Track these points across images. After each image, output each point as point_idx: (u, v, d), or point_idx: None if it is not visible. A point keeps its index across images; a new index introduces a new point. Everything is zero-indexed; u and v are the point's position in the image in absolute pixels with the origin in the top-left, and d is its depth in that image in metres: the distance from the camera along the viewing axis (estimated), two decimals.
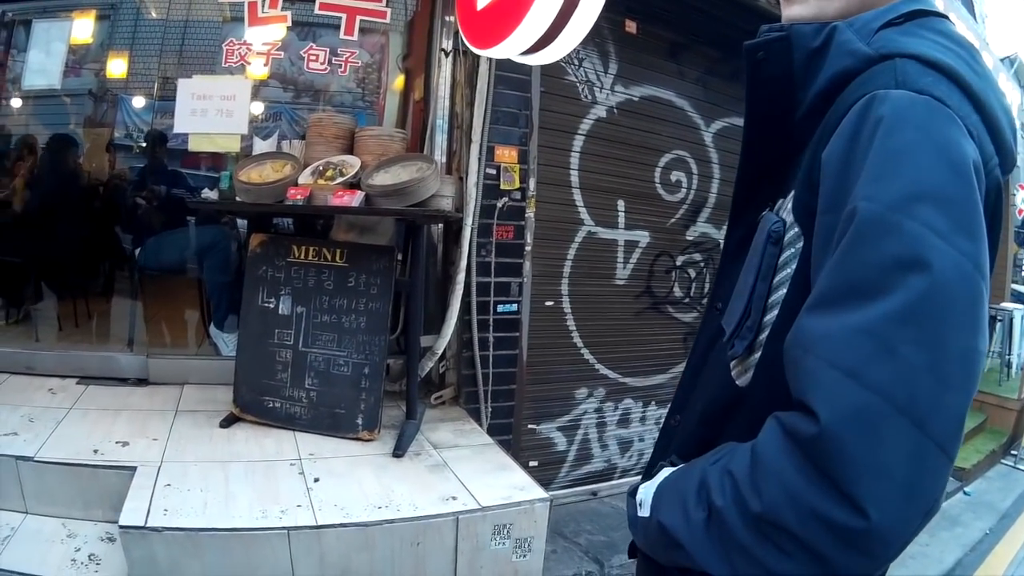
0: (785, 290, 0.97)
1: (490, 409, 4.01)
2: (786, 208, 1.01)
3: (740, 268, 1.08)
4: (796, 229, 0.97)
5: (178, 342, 4.54)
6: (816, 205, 0.90)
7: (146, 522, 2.50)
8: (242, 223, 4.41)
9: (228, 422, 3.45)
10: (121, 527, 2.49)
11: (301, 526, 2.59)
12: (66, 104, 4.90)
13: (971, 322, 0.79)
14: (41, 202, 4.63)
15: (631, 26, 4.52)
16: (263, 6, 4.06)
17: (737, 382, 1.06)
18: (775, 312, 0.98)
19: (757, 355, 1.01)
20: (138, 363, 4.00)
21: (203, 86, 4.09)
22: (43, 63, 4.29)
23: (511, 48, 2.82)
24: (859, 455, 0.75)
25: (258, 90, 4.28)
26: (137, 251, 4.48)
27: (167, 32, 4.52)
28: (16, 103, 4.67)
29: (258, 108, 4.40)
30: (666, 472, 1.08)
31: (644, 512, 1.05)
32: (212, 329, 4.23)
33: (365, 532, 2.65)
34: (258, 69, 4.19)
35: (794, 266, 0.96)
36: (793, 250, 0.97)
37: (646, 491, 1.07)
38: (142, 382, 3.95)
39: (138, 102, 4.80)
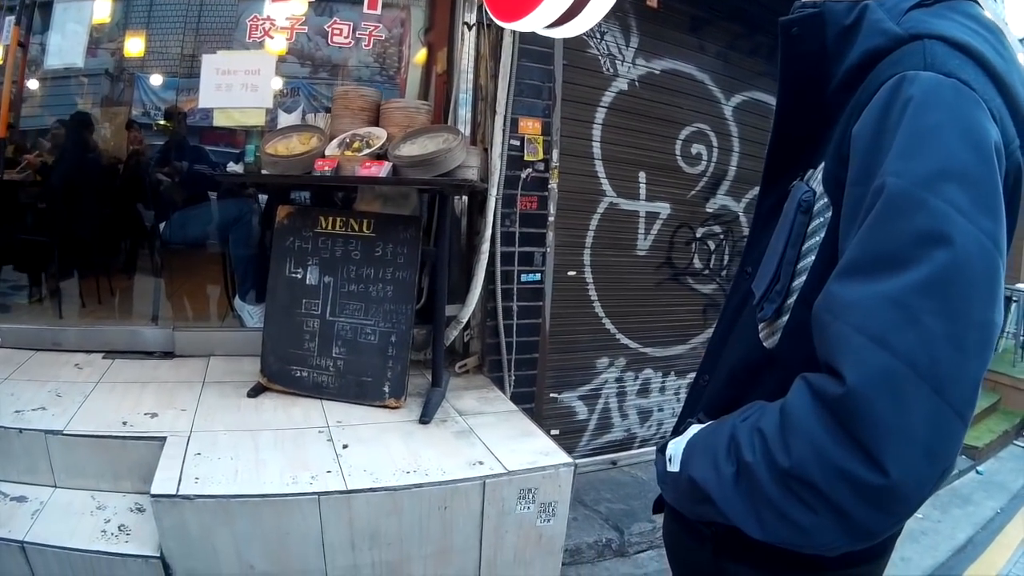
0: (813, 257, 1.01)
1: (513, 377, 4.06)
2: (816, 179, 1.05)
3: (770, 235, 1.14)
4: (825, 199, 1.01)
5: (202, 315, 4.60)
6: (845, 177, 0.95)
7: (177, 491, 2.53)
8: (263, 197, 4.45)
9: (256, 392, 3.50)
10: (153, 496, 2.52)
11: (331, 491, 2.63)
12: (85, 84, 4.92)
13: (989, 296, 0.83)
14: (62, 181, 4.65)
15: (652, 0, 4.51)
16: None
17: (765, 344, 1.11)
18: (803, 278, 1.03)
19: (785, 318, 1.06)
20: (164, 336, 4.04)
21: (227, 61, 4.08)
22: (63, 44, 4.29)
23: (536, 21, 2.83)
24: (882, 416, 0.80)
25: (280, 64, 4.26)
26: (161, 226, 4.52)
27: (187, 10, 4.54)
28: (36, 84, 4.67)
29: (280, 83, 4.41)
30: (695, 428, 1.13)
31: (674, 467, 1.11)
32: (236, 301, 4.28)
33: (394, 496, 2.69)
34: (280, 44, 4.19)
35: (822, 235, 1.01)
36: (822, 219, 1.02)
37: (676, 446, 1.12)
38: (168, 355, 3.99)
39: (156, 80, 4.82)
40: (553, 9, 2.70)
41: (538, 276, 4.09)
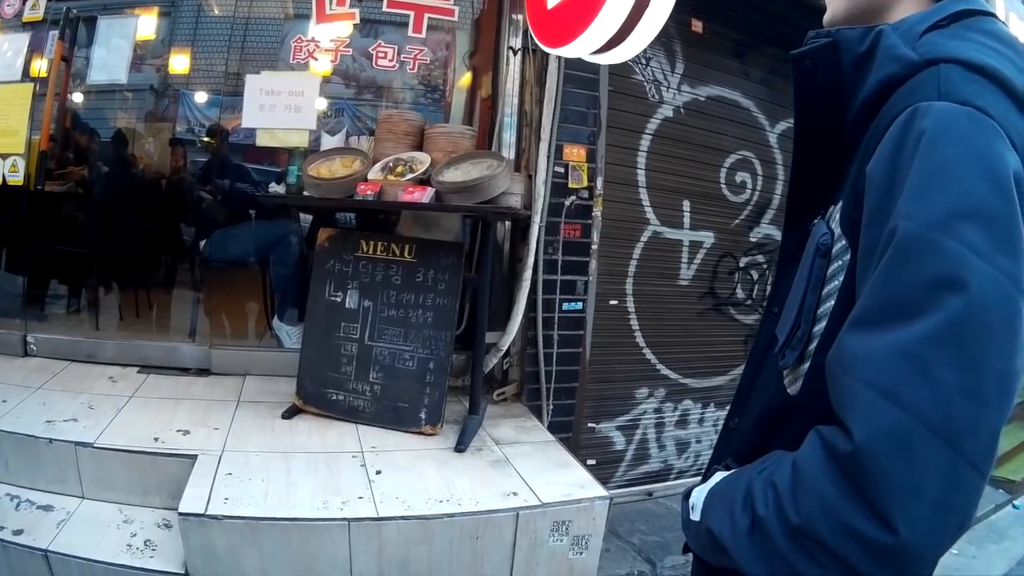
0: (833, 302, 0.97)
1: (551, 407, 4.00)
2: (834, 218, 1.01)
3: (795, 272, 1.09)
4: (843, 242, 0.97)
5: (240, 334, 4.60)
6: (861, 218, 0.91)
7: (206, 510, 2.54)
8: (305, 218, 4.46)
9: (290, 413, 3.49)
10: (180, 514, 2.53)
11: (362, 517, 2.61)
12: (128, 99, 4.97)
13: (1008, 341, 0.79)
14: (103, 194, 4.70)
15: (697, 26, 4.48)
16: (331, 3, 4.09)
17: (788, 390, 1.07)
18: (824, 323, 0.99)
19: (807, 365, 1.02)
20: (200, 353, 4.07)
21: (271, 82, 4.12)
22: (107, 59, 4.34)
23: (582, 47, 2.81)
24: (891, 474, 0.77)
25: (324, 86, 4.28)
26: (202, 243, 4.54)
27: (232, 29, 4.57)
28: (80, 98, 4.73)
29: (324, 104, 4.43)
30: (718, 477, 1.10)
31: (695, 516, 1.09)
32: (275, 321, 4.28)
33: (425, 525, 2.67)
34: (325, 65, 4.22)
35: (841, 278, 0.96)
36: (840, 262, 0.97)
37: (698, 495, 1.10)
38: (204, 372, 4.01)
39: (200, 97, 4.86)
40: (600, 35, 2.68)
41: (580, 305, 4.04)
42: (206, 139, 4.83)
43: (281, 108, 4.06)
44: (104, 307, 4.68)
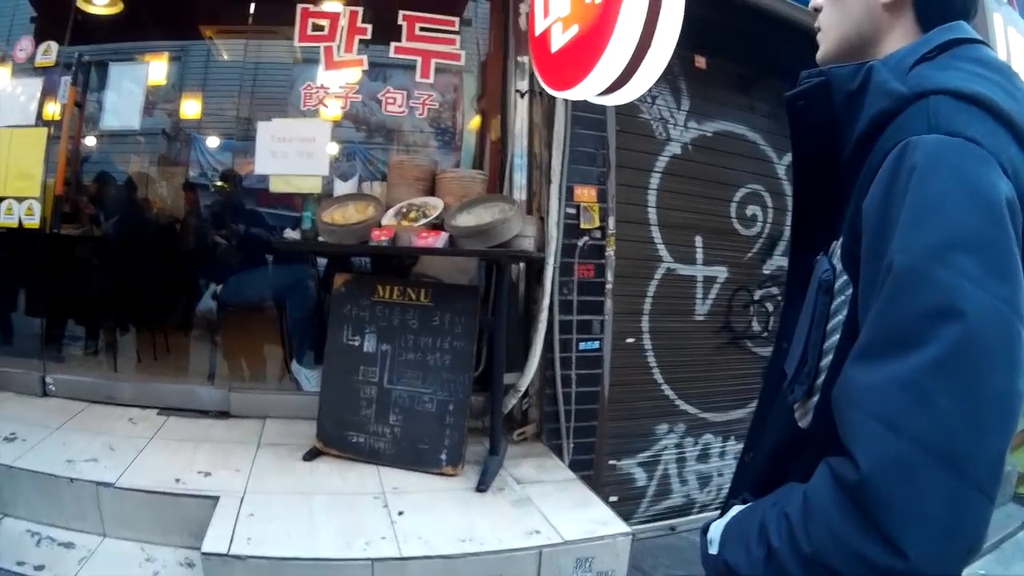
0: (838, 336, 0.99)
1: (572, 445, 3.99)
2: (836, 254, 1.02)
3: (801, 306, 1.11)
4: (845, 277, 0.99)
5: (259, 376, 4.64)
6: (860, 253, 0.93)
7: (229, 550, 2.57)
8: (321, 262, 4.50)
9: (311, 455, 3.51)
10: (204, 553, 2.57)
11: (385, 557, 2.63)
12: (142, 143, 5.05)
13: (1008, 365, 0.80)
14: (117, 237, 4.76)
15: (701, 62, 4.52)
16: (339, 50, 4.17)
17: (799, 423, 1.08)
18: (830, 357, 1.00)
19: (816, 398, 1.03)
20: (219, 396, 4.09)
21: (283, 129, 4.19)
22: (119, 104, 4.43)
23: (588, 90, 2.84)
24: (897, 501, 0.78)
25: (335, 131, 4.34)
26: (218, 288, 4.59)
27: (242, 74, 4.65)
28: (93, 142, 4.81)
29: (335, 149, 4.49)
30: (734, 511, 1.11)
31: (713, 550, 1.09)
32: (294, 365, 4.32)
33: (449, 564, 2.67)
34: (335, 111, 4.30)
35: (845, 312, 0.98)
36: (843, 297, 0.99)
37: (715, 529, 1.11)
38: (223, 415, 4.03)
39: (213, 142, 4.92)
40: (605, 77, 2.71)
41: (596, 344, 4.05)
42: (220, 183, 4.88)
43: (293, 154, 4.13)
44: (121, 349, 4.75)
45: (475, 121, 4.56)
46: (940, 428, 0.78)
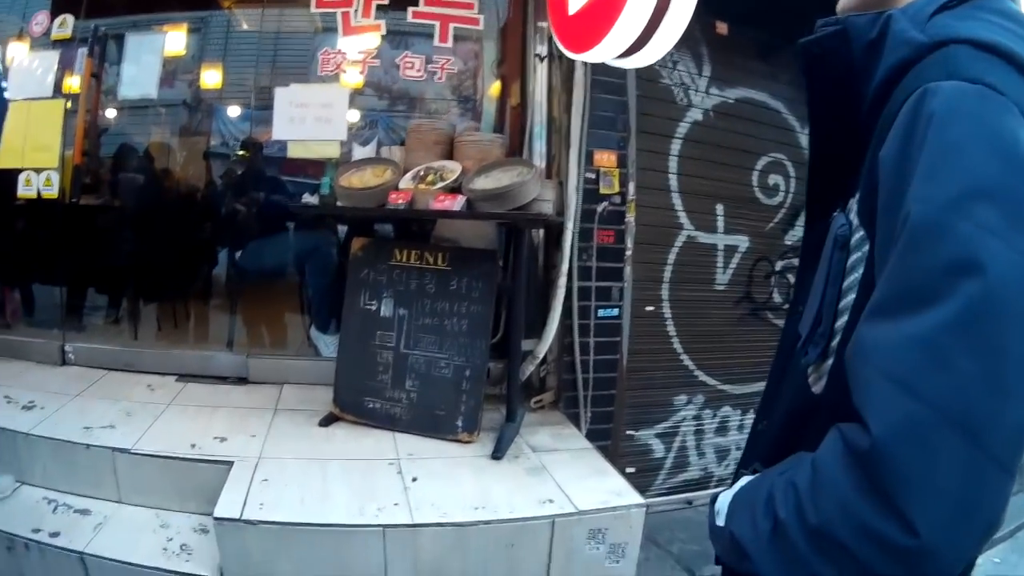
0: (854, 295, 0.95)
1: (589, 414, 3.98)
2: (852, 209, 0.99)
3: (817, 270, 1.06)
4: (861, 232, 0.95)
5: (277, 343, 4.66)
6: (877, 206, 0.88)
7: (241, 515, 2.59)
8: (343, 228, 4.48)
9: (327, 421, 3.52)
10: (216, 519, 2.59)
11: (397, 524, 2.63)
12: (161, 114, 5.04)
13: None
14: (137, 207, 4.77)
15: (722, 28, 4.43)
16: (356, 16, 4.15)
17: (813, 389, 1.05)
18: (845, 317, 0.97)
19: (830, 361, 0.99)
20: (238, 362, 4.13)
21: (300, 94, 4.21)
22: (137, 75, 4.47)
23: (605, 52, 2.79)
24: (911, 471, 0.74)
25: (355, 98, 4.33)
26: (238, 255, 4.59)
27: (259, 43, 4.62)
28: (112, 114, 4.81)
29: (355, 115, 4.47)
30: (743, 482, 1.07)
31: (720, 521, 1.05)
32: (312, 331, 4.33)
33: (461, 532, 2.67)
34: (354, 77, 4.28)
35: (861, 270, 0.94)
36: (860, 254, 0.95)
37: (723, 500, 1.07)
38: (241, 381, 4.06)
39: (233, 111, 4.90)
40: (622, 39, 2.65)
41: (615, 311, 4.02)
42: (240, 152, 4.86)
43: (311, 120, 4.14)
44: (142, 317, 4.76)
45: (495, 86, 4.50)
46: (958, 391, 0.73)
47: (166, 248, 4.78)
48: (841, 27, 1.00)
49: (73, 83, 4.37)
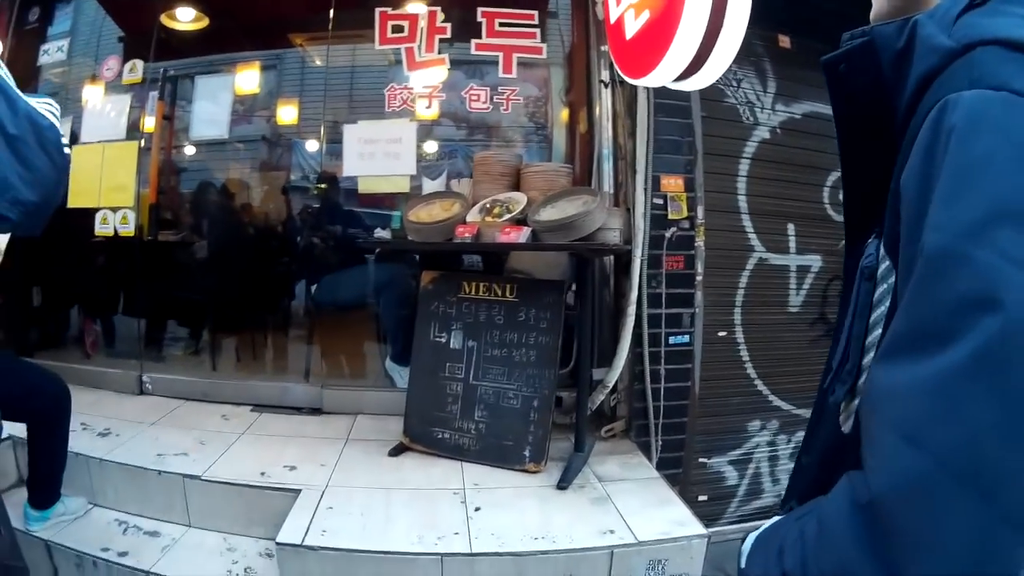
0: (880, 329, 0.88)
1: (660, 442, 3.92)
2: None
3: None
4: (887, 262, 0.87)
5: (353, 374, 4.73)
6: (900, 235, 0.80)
7: (303, 540, 2.67)
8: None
9: (397, 451, 3.57)
10: (278, 543, 2.68)
11: (455, 552, 2.65)
12: (237, 151, 5.22)
13: None
14: (215, 242, 4.96)
15: (785, 41, 4.35)
16: (420, 51, 4.26)
17: (843, 427, 0.98)
18: (872, 354, 0.89)
19: (858, 400, 0.91)
20: (312, 393, 4.23)
21: (369, 131, 4.32)
22: (209, 114, 4.70)
23: (663, 75, 2.76)
24: (912, 530, 0.67)
25: (423, 131, 4.41)
26: (314, 288, 4.70)
27: (327, 78, 4.75)
28: (187, 152, 5.04)
29: (428, 148, 4.56)
30: (769, 523, 1.02)
31: (742, 563, 1.00)
32: (388, 362, 4.38)
33: (518, 561, 2.67)
34: (421, 111, 4.36)
35: (887, 304, 0.87)
36: (886, 285, 0.88)
37: (748, 541, 1.02)
38: (316, 412, 4.16)
39: (307, 147, 5.04)
40: (678, 61, 2.62)
41: (687, 338, 3.97)
42: (315, 187, 4.99)
43: (380, 155, 4.26)
44: (220, 349, 4.91)
45: (564, 114, 4.52)
46: (969, 443, 0.65)
47: (243, 281, 4.94)
48: (868, 38, 0.91)
49: (147, 124, 4.59)
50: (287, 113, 4.93)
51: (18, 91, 1.54)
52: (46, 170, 1.55)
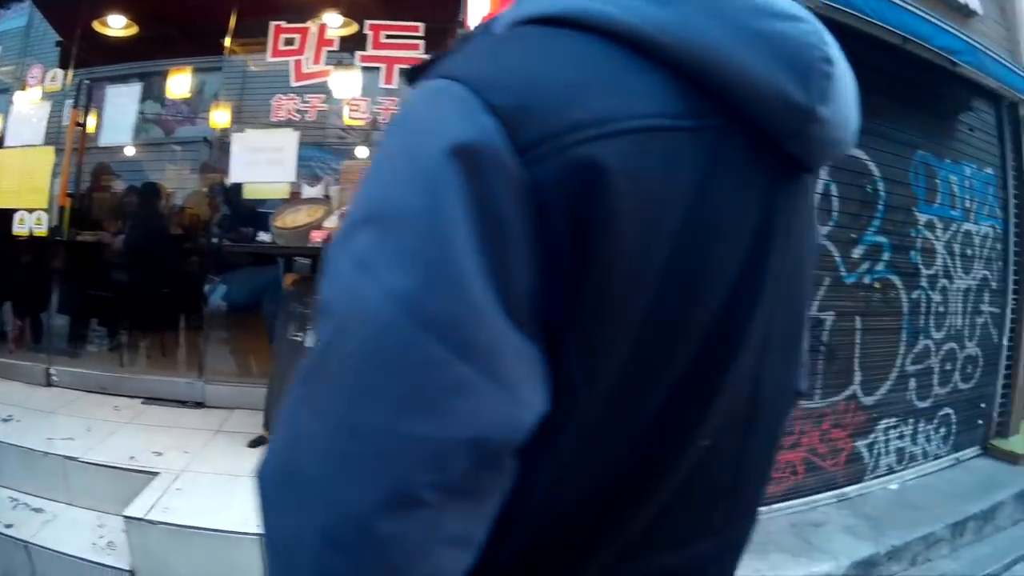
0: None
1: None
2: None
3: None
4: None
5: (239, 371, 4.91)
6: None
7: (146, 515, 2.93)
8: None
9: (256, 443, 3.75)
10: (125, 517, 2.95)
11: None
12: (148, 156, 5.60)
13: (382, 387, 0.52)
14: (127, 245, 5.20)
15: None
16: (307, 63, 4.46)
17: None
18: None
19: None
20: (197, 388, 4.44)
21: (255, 139, 4.48)
22: (118, 121, 4.93)
23: None
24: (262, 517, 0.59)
25: (304, 140, 4.51)
26: (206, 288, 4.90)
27: (226, 88, 5.07)
28: (97, 158, 5.32)
29: (308, 156, 4.68)
30: None
31: None
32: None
33: None
34: (305, 120, 4.54)
35: None
36: None
37: None
38: (199, 405, 4.36)
39: (207, 153, 5.25)
40: None
41: None
42: (210, 193, 5.17)
43: (264, 163, 4.36)
44: (124, 345, 5.19)
45: None
46: (291, 452, 0.57)
47: (149, 280, 5.11)
48: None
49: (60, 131, 4.85)
50: (193, 120, 5.14)
51: None
52: None
